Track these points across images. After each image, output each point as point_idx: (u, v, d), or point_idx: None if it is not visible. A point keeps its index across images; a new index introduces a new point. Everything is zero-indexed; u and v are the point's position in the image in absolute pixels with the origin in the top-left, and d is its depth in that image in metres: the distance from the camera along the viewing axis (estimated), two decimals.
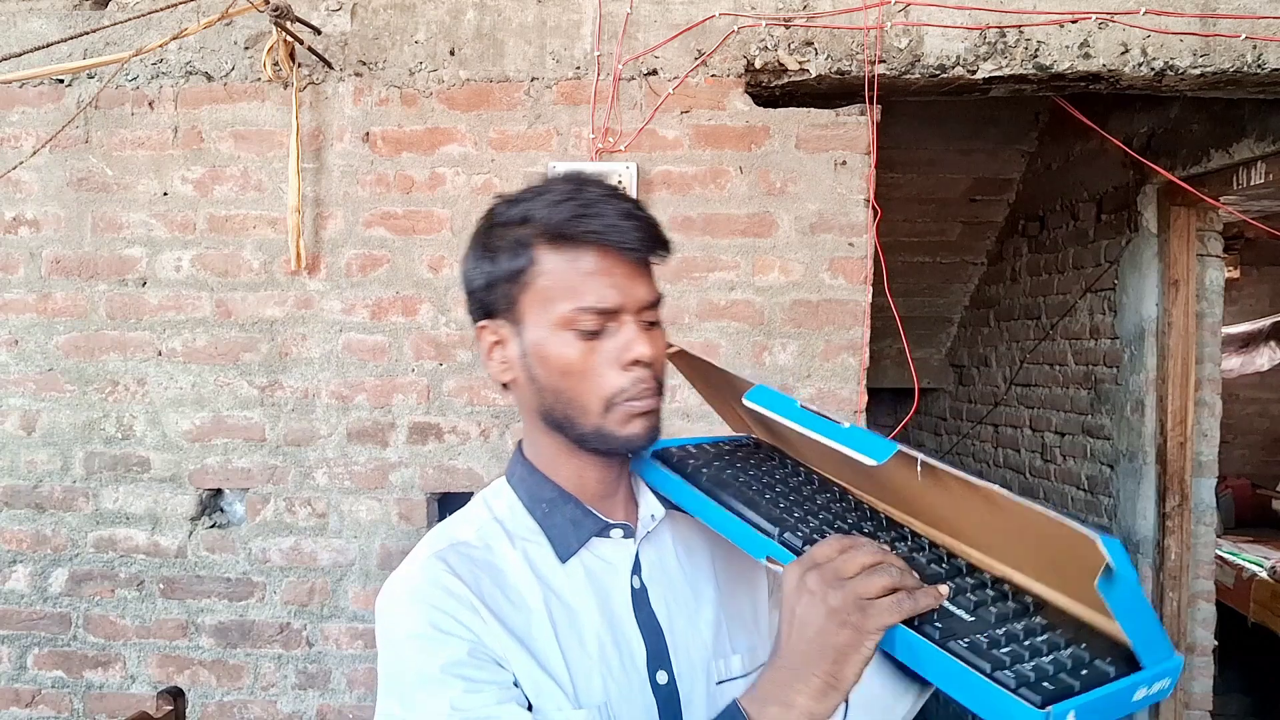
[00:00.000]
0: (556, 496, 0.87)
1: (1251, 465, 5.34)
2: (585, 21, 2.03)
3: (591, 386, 0.81)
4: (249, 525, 2.10)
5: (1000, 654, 0.62)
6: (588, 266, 0.80)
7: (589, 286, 0.80)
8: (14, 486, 2.14)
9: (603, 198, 0.82)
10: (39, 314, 2.14)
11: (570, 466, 0.88)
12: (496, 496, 0.91)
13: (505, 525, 0.88)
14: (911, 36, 1.94)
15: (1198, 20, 1.88)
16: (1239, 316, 5.09)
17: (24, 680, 2.14)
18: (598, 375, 0.81)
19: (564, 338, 0.81)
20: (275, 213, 2.08)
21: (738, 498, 0.82)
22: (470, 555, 0.84)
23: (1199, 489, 2.78)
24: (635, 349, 0.81)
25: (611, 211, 0.80)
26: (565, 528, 0.86)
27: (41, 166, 2.12)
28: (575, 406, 0.82)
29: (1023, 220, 3.60)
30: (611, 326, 0.81)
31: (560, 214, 0.80)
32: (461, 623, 0.78)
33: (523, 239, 0.82)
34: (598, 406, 0.82)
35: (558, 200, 0.81)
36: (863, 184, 2.00)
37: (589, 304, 0.80)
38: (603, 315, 0.80)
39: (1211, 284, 2.76)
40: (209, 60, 2.10)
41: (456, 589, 0.79)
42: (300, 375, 2.09)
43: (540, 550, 0.86)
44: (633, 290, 0.81)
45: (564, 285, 0.81)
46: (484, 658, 0.77)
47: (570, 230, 0.80)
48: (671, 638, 0.87)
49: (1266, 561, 3.93)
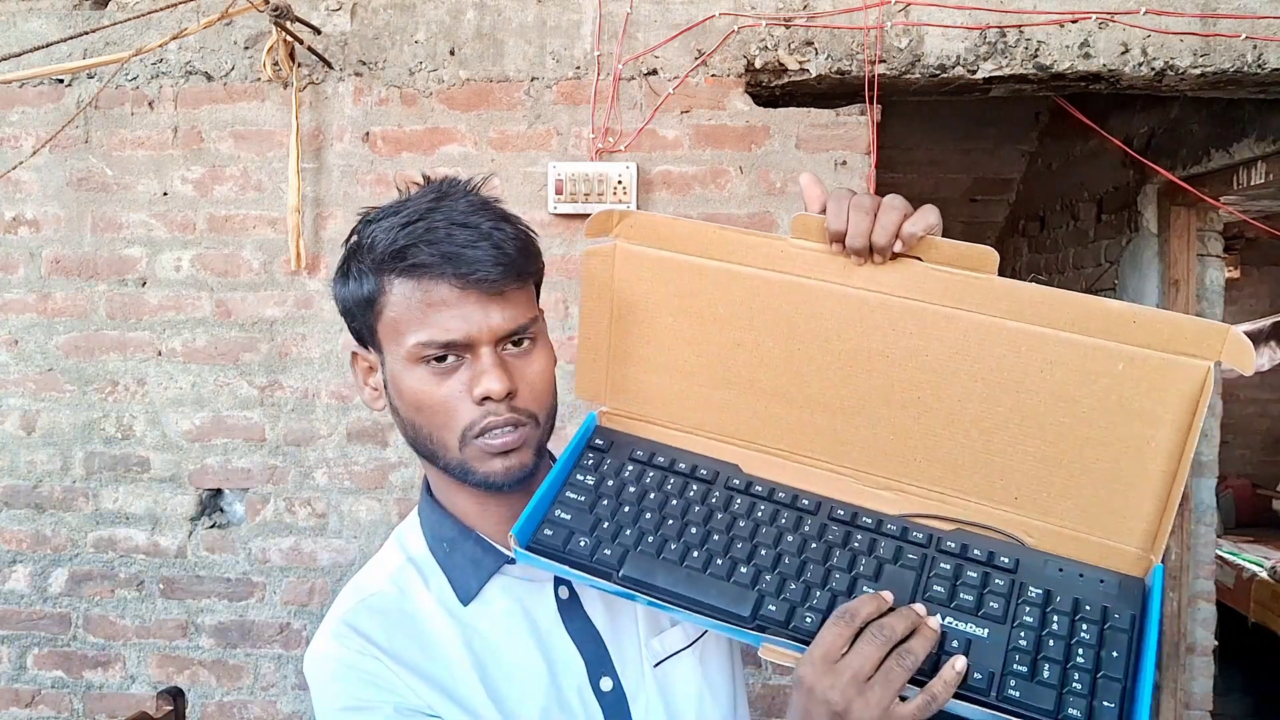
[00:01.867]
0: (456, 535, 0.83)
1: (1251, 465, 5.34)
2: (585, 21, 2.03)
3: (444, 421, 0.76)
4: (249, 525, 2.10)
5: (1046, 681, 0.62)
6: (429, 298, 0.74)
7: (433, 319, 0.74)
8: (14, 486, 2.14)
9: (454, 221, 0.75)
10: (39, 314, 2.14)
11: (466, 498, 0.83)
12: (411, 533, 0.88)
13: (418, 566, 0.84)
14: (911, 36, 1.94)
15: (1198, 20, 1.88)
16: (1239, 316, 5.09)
17: (24, 680, 2.14)
18: (450, 410, 0.76)
19: (415, 371, 0.76)
20: (275, 213, 2.08)
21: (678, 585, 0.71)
22: (382, 609, 0.81)
23: (1199, 489, 2.78)
24: (483, 383, 0.74)
25: (460, 236, 0.74)
26: (465, 568, 0.82)
27: (41, 166, 2.12)
28: (435, 441, 0.78)
29: (1023, 220, 3.60)
30: (467, 358, 0.76)
31: (401, 240, 0.74)
32: (379, 686, 0.76)
33: (367, 267, 0.77)
34: (454, 442, 0.77)
35: (404, 223, 0.75)
36: (863, 184, 2.00)
37: (430, 339, 0.74)
38: (451, 348, 0.75)
39: (1212, 284, 2.76)
40: (209, 60, 2.10)
41: (368, 652, 0.77)
42: (300, 375, 2.09)
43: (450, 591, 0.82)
44: (484, 320, 0.75)
45: (409, 318, 0.75)
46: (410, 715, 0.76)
47: (406, 261, 0.74)
48: (615, 638, 0.84)
49: (1267, 562, 3.93)
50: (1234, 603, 3.83)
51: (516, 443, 0.77)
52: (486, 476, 0.78)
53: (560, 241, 2.03)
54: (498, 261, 0.75)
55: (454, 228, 0.75)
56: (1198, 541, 2.78)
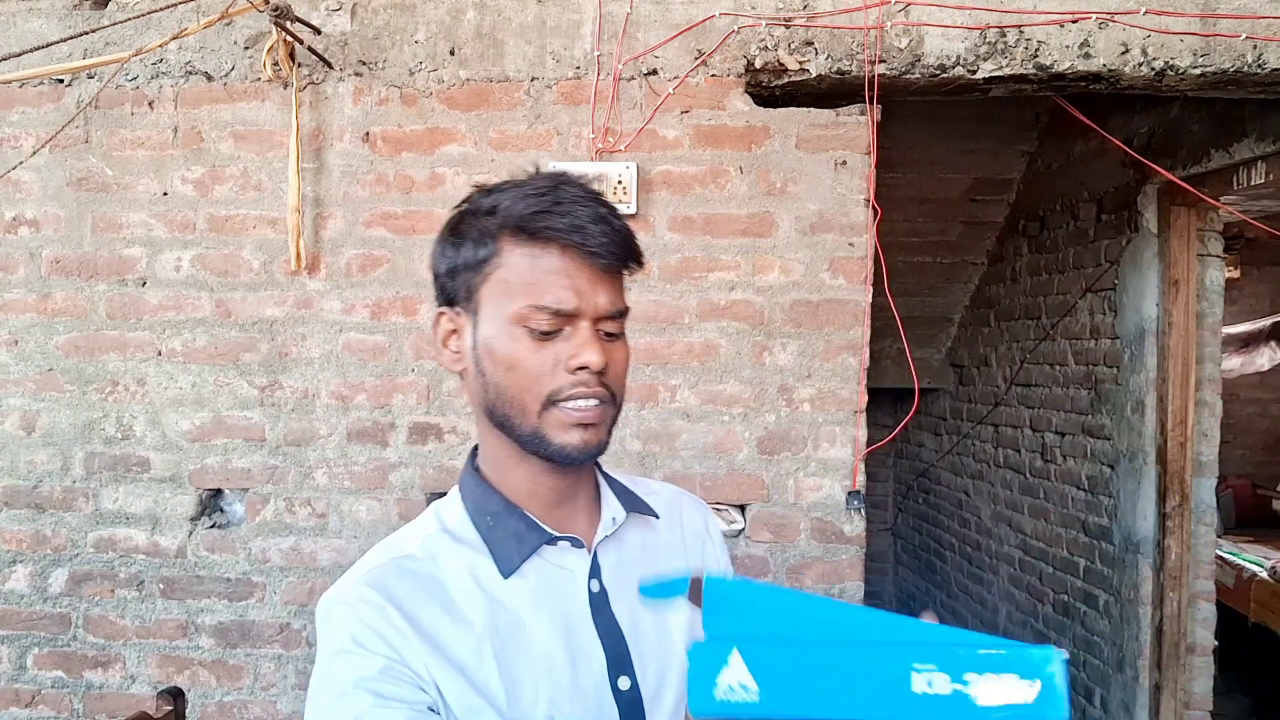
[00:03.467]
0: (501, 510, 0.85)
1: (1252, 465, 5.33)
2: (585, 21, 2.03)
3: (531, 385, 0.79)
4: (249, 525, 2.10)
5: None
6: (549, 265, 0.78)
7: (547, 285, 0.78)
8: (14, 486, 2.14)
9: (578, 198, 0.79)
10: (39, 314, 2.14)
11: (519, 473, 0.85)
12: (448, 506, 0.89)
13: (454, 536, 0.85)
14: (911, 36, 1.94)
15: (1198, 20, 1.88)
16: (1239, 316, 5.09)
17: (24, 680, 2.14)
18: (540, 375, 0.79)
19: (515, 333, 0.79)
20: (275, 213, 2.08)
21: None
22: (411, 569, 0.81)
23: (1199, 489, 2.78)
24: (583, 355, 0.78)
25: (583, 213, 0.78)
26: (508, 542, 0.83)
27: (41, 166, 2.12)
28: (515, 405, 0.80)
29: (1023, 220, 3.60)
30: (566, 330, 0.79)
31: (528, 208, 0.78)
32: (383, 639, 0.76)
33: (489, 229, 0.81)
34: (535, 406, 0.79)
35: (530, 194, 0.79)
36: (863, 184, 2.00)
37: (544, 303, 0.78)
38: (558, 317, 0.78)
39: (1212, 284, 2.76)
40: (209, 60, 2.10)
41: (384, 607, 0.77)
42: (300, 375, 2.09)
43: (486, 563, 0.83)
44: (593, 296, 0.79)
45: (523, 281, 0.79)
46: (400, 676, 0.75)
47: (534, 225, 0.78)
48: (635, 642, 0.85)
49: (1267, 561, 3.92)
50: (1234, 603, 3.83)
51: (596, 418, 0.80)
52: (562, 447, 0.80)
53: None
54: (615, 243, 0.79)
55: (579, 205, 0.79)
56: (1198, 541, 2.78)
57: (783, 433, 2.02)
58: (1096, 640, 3.05)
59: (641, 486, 0.98)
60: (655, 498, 0.97)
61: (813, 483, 2.02)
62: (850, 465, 2.01)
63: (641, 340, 2.03)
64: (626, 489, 0.94)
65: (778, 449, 2.03)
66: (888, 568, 5.18)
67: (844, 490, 2.02)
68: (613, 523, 0.89)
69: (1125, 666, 2.86)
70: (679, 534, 0.96)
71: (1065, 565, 3.29)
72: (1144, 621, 2.79)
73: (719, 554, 1.01)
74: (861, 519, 2.02)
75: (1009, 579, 3.73)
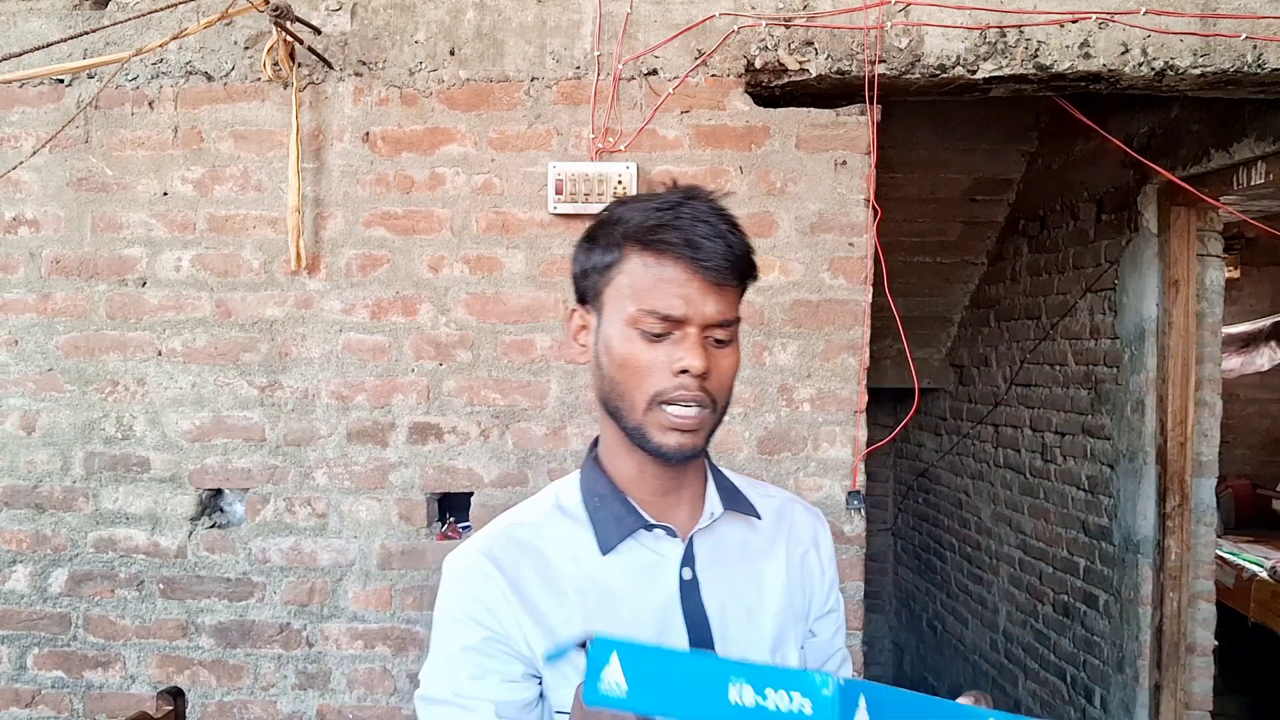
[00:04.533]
0: (608, 493, 0.93)
1: (1252, 465, 5.33)
2: (585, 21, 2.03)
3: (639, 384, 0.87)
4: (249, 525, 2.10)
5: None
6: (663, 274, 0.86)
7: (659, 292, 0.85)
8: (14, 486, 2.14)
9: (698, 214, 0.86)
10: (39, 314, 2.14)
11: (628, 461, 0.93)
12: (567, 485, 0.98)
13: (564, 512, 0.94)
14: (911, 36, 1.94)
15: (1198, 20, 1.88)
16: (1239, 316, 5.08)
17: (24, 680, 2.14)
18: (648, 374, 0.86)
19: (630, 334, 0.87)
20: (275, 213, 2.08)
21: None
22: (518, 538, 0.92)
23: (1199, 489, 2.78)
24: (686, 359, 0.85)
25: (700, 229, 0.85)
26: (609, 523, 0.92)
27: (41, 166, 2.12)
28: (625, 401, 0.88)
29: (1023, 220, 3.60)
30: (676, 334, 0.86)
31: (649, 220, 0.86)
32: (489, 609, 0.87)
33: (615, 237, 0.89)
34: (642, 403, 0.87)
35: (655, 209, 0.87)
36: (863, 184, 2.00)
37: (655, 308, 0.85)
38: (667, 321, 0.85)
39: (1212, 284, 2.76)
40: (209, 60, 2.10)
41: (492, 576, 0.88)
42: (300, 375, 2.09)
43: (588, 540, 0.92)
44: (702, 305, 0.86)
45: (639, 286, 0.86)
46: (499, 649, 0.86)
47: (653, 237, 0.86)
48: (721, 630, 0.91)
49: (1267, 562, 3.92)
50: (1234, 603, 3.83)
51: (694, 424, 0.87)
52: (659, 446, 0.87)
53: (560, 242, 2.03)
54: (726, 258, 0.86)
55: (697, 221, 0.86)
56: (1198, 541, 2.78)
57: (783, 433, 2.02)
58: (1096, 640, 3.05)
59: (757, 489, 1.05)
60: (766, 501, 1.04)
61: (813, 483, 2.02)
62: (850, 465, 2.01)
63: None
64: (734, 488, 1.01)
65: (778, 449, 2.03)
66: (888, 567, 5.18)
67: (844, 490, 2.02)
68: (709, 516, 0.95)
69: (1125, 666, 2.86)
70: (782, 538, 1.02)
71: (1065, 565, 3.29)
72: (1144, 621, 2.79)
73: (824, 565, 1.05)
74: (861, 519, 2.02)
75: (1009, 579, 3.73)
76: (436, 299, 2.07)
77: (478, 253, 2.06)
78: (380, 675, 2.08)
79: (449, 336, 2.07)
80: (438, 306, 2.07)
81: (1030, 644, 3.54)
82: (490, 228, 2.05)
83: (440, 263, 2.06)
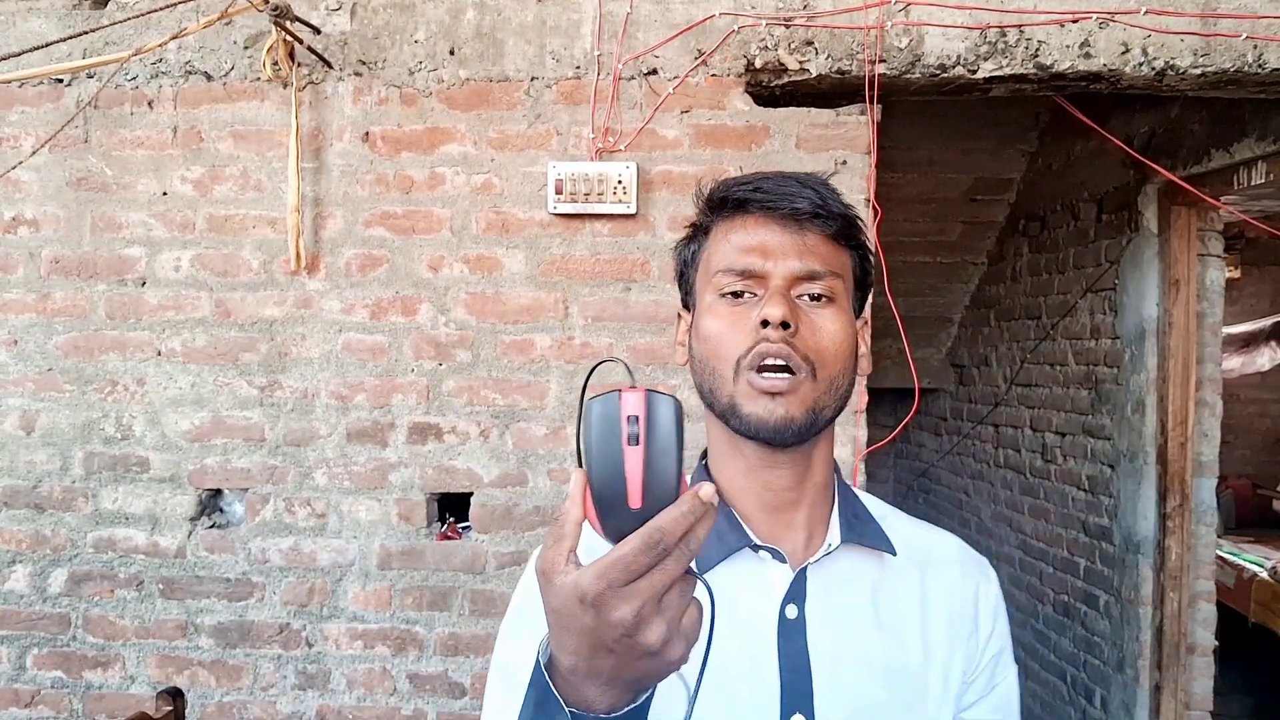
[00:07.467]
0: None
1: (1252, 465, 5.33)
2: (585, 21, 2.02)
3: (725, 349, 0.77)
4: (248, 525, 2.10)
5: None
6: (739, 230, 0.79)
7: (735, 245, 0.78)
8: (14, 486, 2.14)
9: (783, 175, 0.79)
10: (38, 314, 2.13)
11: (735, 465, 0.81)
12: None
13: None
14: (912, 36, 1.94)
15: (1198, 20, 1.88)
16: (1239, 316, 5.09)
17: (24, 680, 2.14)
18: (731, 336, 0.77)
19: (714, 305, 0.79)
20: (275, 213, 2.08)
21: None
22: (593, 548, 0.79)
23: (1199, 489, 2.78)
24: (765, 308, 0.74)
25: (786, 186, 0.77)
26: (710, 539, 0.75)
27: (41, 166, 2.12)
28: (716, 375, 0.78)
29: (1023, 220, 3.60)
30: (760, 294, 0.77)
31: (727, 191, 0.80)
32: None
33: (700, 221, 0.84)
34: (729, 371, 0.76)
35: (738, 181, 0.81)
36: (863, 184, 1.99)
37: (730, 264, 0.78)
38: (745, 278, 0.77)
39: (1212, 284, 2.76)
40: (208, 60, 2.10)
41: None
42: (300, 375, 2.09)
43: None
44: (783, 258, 0.76)
45: (719, 251, 0.80)
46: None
47: (724, 194, 0.80)
48: (829, 680, 0.76)
49: (1267, 562, 3.92)
50: (1234, 603, 3.83)
51: (786, 388, 0.74)
52: (750, 415, 0.75)
53: (560, 241, 2.03)
54: (811, 202, 0.76)
55: (778, 178, 0.79)
56: (1198, 541, 2.78)
57: None
58: (1097, 640, 3.05)
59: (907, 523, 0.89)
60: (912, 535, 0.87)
61: None
62: (850, 465, 2.01)
63: (642, 340, 2.03)
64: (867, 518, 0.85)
65: None
66: None
67: None
68: (827, 547, 0.81)
69: (1125, 667, 2.86)
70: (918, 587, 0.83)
71: (1065, 565, 3.29)
72: (1144, 622, 2.79)
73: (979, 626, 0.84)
74: None
75: (1009, 579, 3.73)
76: (436, 299, 2.07)
77: (477, 252, 2.06)
78: (380, 675, 2.08)
79: (449, 336, 2.07)
80: (437, 306, 2.07)
81: (1030, 644, 3.54)
82: (490, 227, 2.05)
83: (440, 262, 2.06)
